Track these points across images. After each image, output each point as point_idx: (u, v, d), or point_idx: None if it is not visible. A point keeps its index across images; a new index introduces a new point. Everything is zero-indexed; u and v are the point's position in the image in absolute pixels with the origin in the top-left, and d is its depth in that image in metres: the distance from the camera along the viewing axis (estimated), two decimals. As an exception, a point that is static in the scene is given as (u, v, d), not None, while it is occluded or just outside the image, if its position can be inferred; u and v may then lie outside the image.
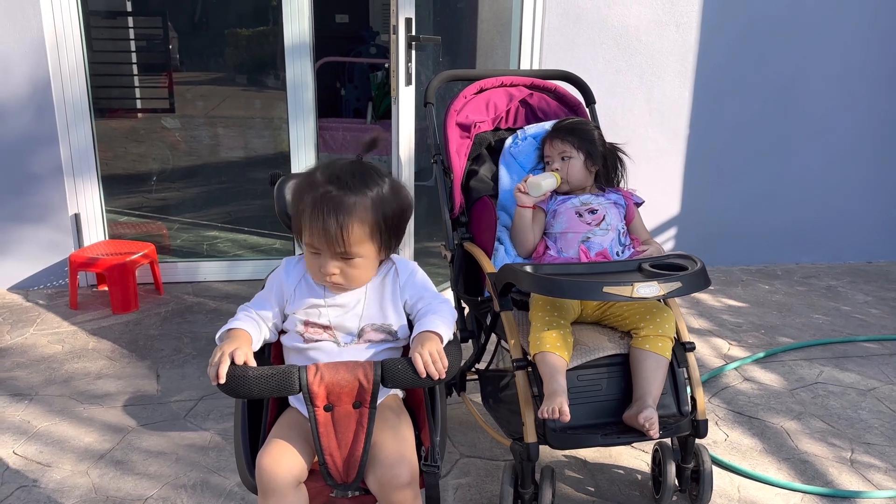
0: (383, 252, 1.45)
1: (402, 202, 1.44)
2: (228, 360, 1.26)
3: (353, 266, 1.40)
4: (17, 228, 3.47)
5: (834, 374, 2.87)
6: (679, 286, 1.71)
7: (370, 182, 1.39)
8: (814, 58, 3.94)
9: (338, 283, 1.42)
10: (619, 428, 1.84)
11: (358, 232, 1.36)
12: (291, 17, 3.43)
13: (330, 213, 1.34)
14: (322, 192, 1.36)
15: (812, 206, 4.18)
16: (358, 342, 1.46)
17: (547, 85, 2.46)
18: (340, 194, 1.35)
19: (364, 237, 1.38)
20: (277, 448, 1.35)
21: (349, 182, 1.37)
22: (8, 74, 3.29)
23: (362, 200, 1.36)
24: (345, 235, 1.35)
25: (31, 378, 2.70)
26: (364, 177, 1.39)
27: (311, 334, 1.45)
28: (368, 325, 1.46)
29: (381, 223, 1.39)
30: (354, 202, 1.35)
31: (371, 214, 1.37)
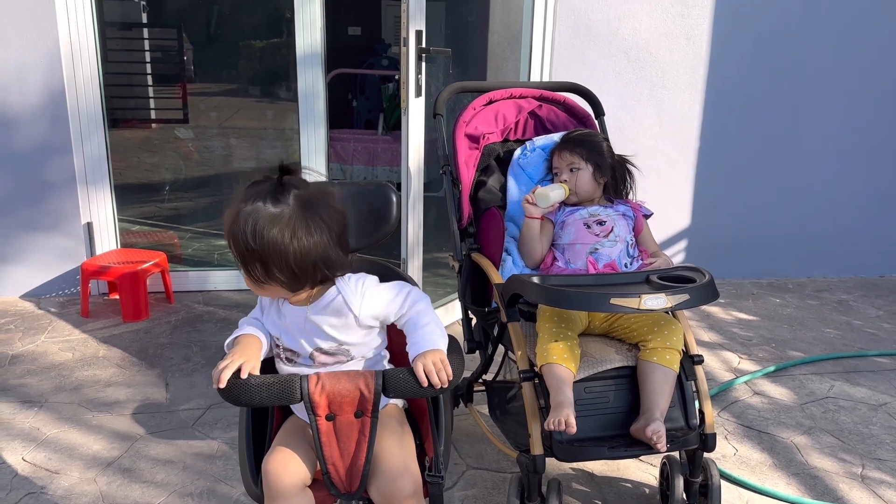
0: (310, 276, 1.36)
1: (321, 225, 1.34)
2: (234, 368, 1.27)
3: (265, 290, 1.38)
4: (30, 236, 3.51)
5: (845, 388, 2.84)
6: (687, 298, 1.70)
7: (276, 221, 1.31)
8: (825, 70, 3.93)
9: (264, 295, 1.43)
10: (627, 441, 1.83)
11: (261, 270, 1.33)
12: (304, 29, 3.47)
13: (239, 251, 1.32)
14: (235, 231, 1.32)
15: (824, 219, 4.16)
16: (314, 365, 1.44)
17: (556, 97, 2.47)
18: (245, 235, 1.31)
19: (266, 273, 1.33)
20: (283, 454, 1.36)
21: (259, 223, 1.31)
22: (23, 84, 3.34)
23: (265, 241, 1.30)
24: (250, 272, 1.34)
25: (41, 385, 2.72)
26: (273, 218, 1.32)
27: (283, 353, 1.47)
28: (316, 350, 1.43)
29: (290, 258, 1.32)
30: (257, 246, 1.30)
31: (274, 256, 1.31)
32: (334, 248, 1.36)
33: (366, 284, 1.44)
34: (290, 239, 1.30)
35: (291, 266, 1.31)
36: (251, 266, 1.32)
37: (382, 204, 1.58)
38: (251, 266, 1.32)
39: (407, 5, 2.73)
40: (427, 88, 2.98)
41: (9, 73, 3.32)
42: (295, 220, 1.31)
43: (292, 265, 1.31)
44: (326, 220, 1.34)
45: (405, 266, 3.02)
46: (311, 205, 1.33)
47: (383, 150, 5.79)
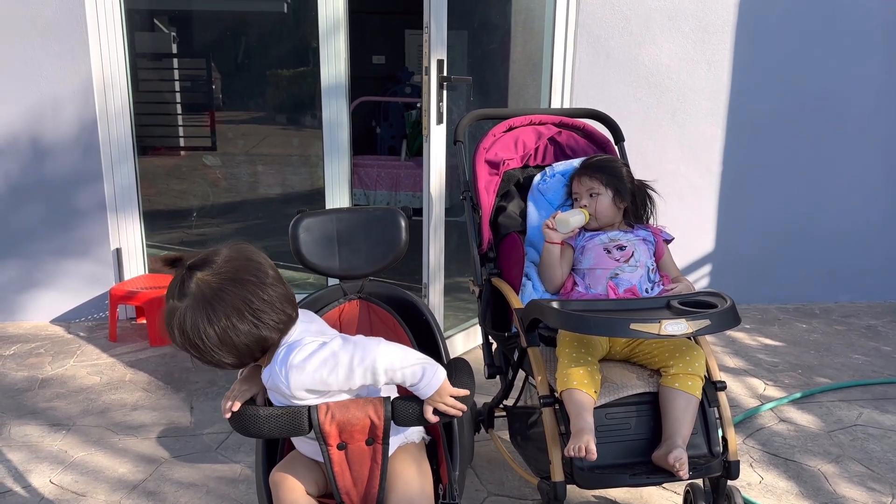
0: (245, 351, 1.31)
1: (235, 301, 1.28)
2: (232, 398, 1.30)
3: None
4: (61, 262, 3.59)
5: (874, 416, 2.79)
6: (708, 324, 1.69)
7: (175, 311, 1.31)
8: (848, 94, 3.91)
9: None
10: (648, 468, 1.81)
11: (178, 349, 1.33)
12: (328, 60, 3.54)
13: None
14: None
15: (851, 243, 4.10)
16: None
17: (575, 123, 2.49)
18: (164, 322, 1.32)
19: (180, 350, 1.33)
20: (279, 475, 1.39)
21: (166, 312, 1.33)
22: (58, 115, 3.44)
23: (170, 330, 1.31)
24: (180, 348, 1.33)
25: (69, 408, 2.77)
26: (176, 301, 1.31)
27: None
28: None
29: (194, 344, 1.29)
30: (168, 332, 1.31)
31: (179, 338, 1.30)
32: (261, 314, 1.28)
33: (290, 362, 1.28)
34: (197, 330, 1.26)
35: (213, 352, 1.27)
36: (191, 355, 1.31)
37: (392, 229, 1.60)
38: (191, 355, 1.31)
39: (429, 35, 2.78)
40: (448, 115, 3.03)
41: (44, 104, 3.43)
42: (196, 311, 1.26)
43: (214, 352, 1.27)
44: (239, 294, 1.28)
45: (426, 290, 3.04)
46: (214, 286, 1.28)
47: (406, 176, 5.84)
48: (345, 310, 1.69)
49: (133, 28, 6.86)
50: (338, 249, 1.65)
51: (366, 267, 1.65)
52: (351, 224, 1.65)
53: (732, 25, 3.76)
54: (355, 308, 1.70)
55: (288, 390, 1.28)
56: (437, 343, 1.64)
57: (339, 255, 1.65)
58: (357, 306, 1.70)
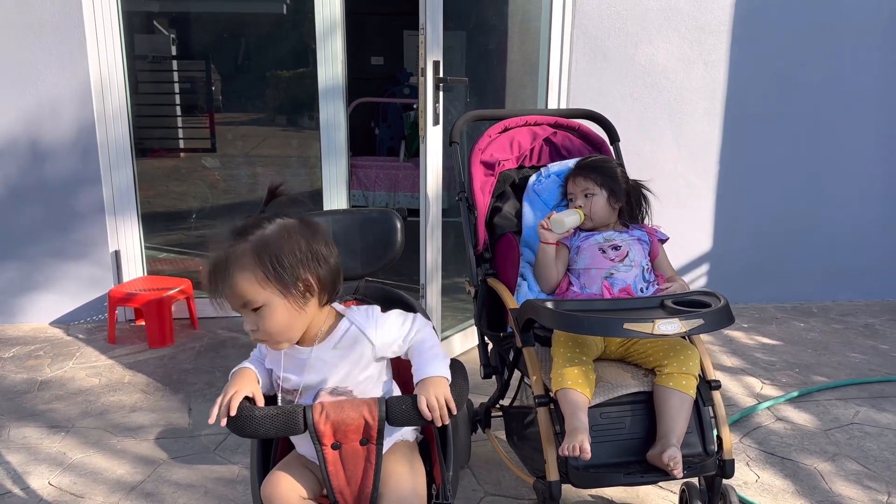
0: (295, 298, 1.35)
1: (296, 242, 1.35)
2: (227, 399, 1.31)
3: (263, 317, 1.34)
4: (60, 264, 3.60)
5: (871, 414, 2.80)
6: (701, 323, 1.70)
7: (252, 229, 1.35)
8: (846, 93, 3.92)
9: (262, 340, 1.39)
10: (643, 467, 1.82)
11: (242, 280, 1.31)
12: (325, 62, 3.55)
13: (217, 270, 1.33)
14: (210, 258, 1.36)
15: (849, 242, 4.11)
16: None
17: (571, 123, 2.50)
18: (222, 251, 1.33)
19: (254, 284, 1.31)
20: (276, 476, 1.40)
21: (228, 236, 1.35)
22: (57, 117, 3.45)
23: (234, 249, 1.32)
24: (234, 289, 1.32)
25: (68, 410, 2.77)
26: (246, 227, 1.35)
27: (285, 395, 1.48)
28: (323, 390, 1.42)
29: (268, 265, 1.31)
30: (227, 254, 1.32)
31: (252, 259, 1.31)
32: (331, 260, 1.41)
33: (375, 312, 1.45)
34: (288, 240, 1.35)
35: (321, 260, 1.37)
36: (279, 270, 1.33)
37: (387, 230, 1.61)
38: (279, 270, 1.33)
39: (424, 37, 2.79)
40: (446, 116, 3.03)
41: (42, 107, 3.44)
42: (292, 227, 1.38)
43: (322, 260, 1.37)
44: (326, 242, 1.41)
45: (424, 291, 3.05)
46: (307, 223, 1.41)
47: (405, 177, 5.86)
48: (340, 311, 1.70)
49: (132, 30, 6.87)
50: None
51: (361, 268, 1.65)
52: (346, 225, 1.66)
53: (729, 25, 3.76)
54: (350, 309, 1.70)
55: (375, 338, 1.41)
56: None
57: None
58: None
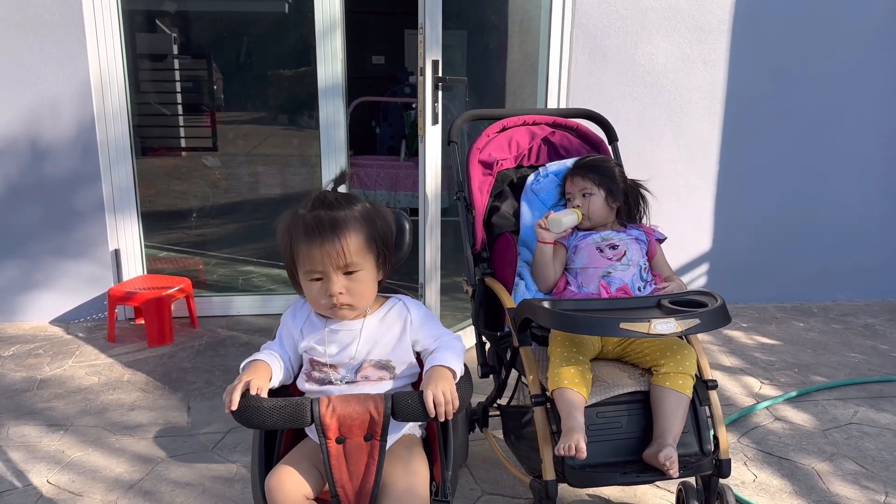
0: (381, 270, 1.49)
1: (388, 218, 1.51)
2: (242, 388, 1.30)
3: (356, 281, 1.43)
4: (60, 263, 3.61)
5: (869, 414, 2.79)
6: (697, 323, 1.70)
7: (353, 201, 1.47)
8: (846, 93, 3.91)
9: (346, 304, 1.44)
10: (639, 467, 1.82)
11: (355, 241, 1.41)
12: (325, 60, 3.55)
13: (325, 229, 1.40)
14: (312, 216, 1.42)
15: (849, 242, 4.11)
16: (356, 379, 1.47)
17: (569, 123, 2.50)
18: (330, 213, 1.42)
19: (361, 246, 1.42)
20: (283, 471, 1.40)
21: (334, 203, 1.44)
22: (56, 116, 3.46)
23: (351, 213, 1.43)
24: (344, 246, 1.39)
25: (67, 409, 2.78)
26: (346, 198, 1.47)
27: (317, 373, 1.49)
28: (367, 362, 1.47)
29: (376, 233, 1.45)
30: (345, 215, 1.42)
31: (363, 225, 1.43)
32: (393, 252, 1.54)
33: (421, 304, 1.57)
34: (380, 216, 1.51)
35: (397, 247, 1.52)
36: (383, 241, 1.48)
37: (396, 231, 1.60)
38: (383, 241, 1.48)
39: (423, 36, 2.79)
40: (445, 115, 3.03)
41: (43, 105, 3.45)
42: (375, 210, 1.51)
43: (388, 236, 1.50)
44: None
45: (422, 290, 3.05)
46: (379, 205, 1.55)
47: (405, 176, 5.85)
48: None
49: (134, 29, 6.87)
50: None
51: None
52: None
53: (729, 24, 3.76)
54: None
55: (415, 317, 1.51)
56: None
57: None
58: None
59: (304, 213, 1.43)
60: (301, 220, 1.43)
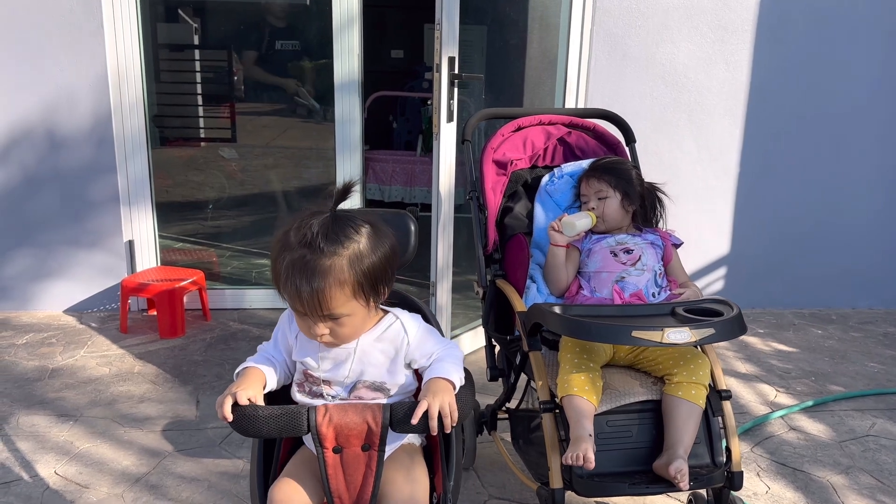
0: (373, 305, 1.39)
1: (382, 252, 1.36)
2: (231, 399, 1.28)
3: (341, 325, 1.34)
4: (74, 253, 3.62)
5: (887, 426, 2.73)
6: (712, 333, 1.66)
7: (345, 240, 1.31)
8: (870, 96, 3.83)
9: (329, 342, 1.38)
10: (649, 478, 1.79)
11: (337, 295, 1.29)
12: (341, 55, 3.53)
13: (304, 280, 1.28)
14: (295, 256, 1.29)
15: (870, 248, 4.02)
16: (350, 399, 1.43)
17: (586, 123, 2.46)
18: (314, 258, 1.28)
19: (345, 298, 1.31)
20: (288, 485, 1.37)
21: (322, 244, 1.29)
22: (73, 106, 3.47)
23: (337, 262, 1.29)
24: (323, 301, 1.29)
25: (77, 399, 2.79)
26: (338, 235, 1.31)
27: (311, 385, 1.45)
28: (361, 383, 1.42)
29: (362, 280, 1.32)
30: (329, 266, 1.28)
31: (349, 275, 1.30)
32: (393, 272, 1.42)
33: (418, 318, 1.48)
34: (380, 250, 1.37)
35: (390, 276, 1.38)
36: (372, 284, 1.34)
37: (401, 233, 1.57)
38: (372, 284, 1.34)
39: (440, 32, 2.76)
40: (460, 113, 3.00)
41: (60, 95, 3.45)
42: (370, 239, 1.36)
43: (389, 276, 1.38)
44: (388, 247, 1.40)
45: (434, 289, 3.03)
46: (378, 228, 1.39)
47: (421, 171, 5.83)
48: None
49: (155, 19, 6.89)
50: None
51: None
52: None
53: (752, 24, 3.69)
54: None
55: (413, 338, 1.43)
56: None
57: None
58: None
59: (293, 246, 1.30)
60: (287, 255, 1.30)
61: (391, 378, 1.43)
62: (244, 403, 1.28)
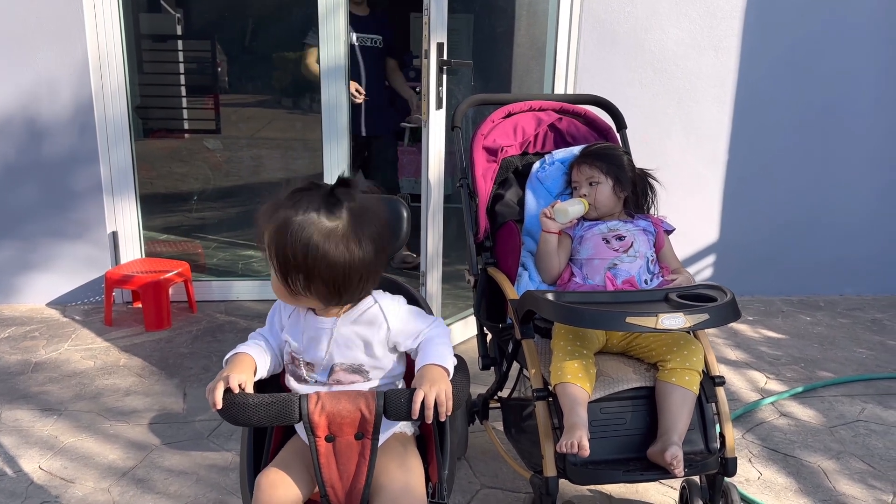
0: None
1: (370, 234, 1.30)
2: (223, 385, 1.24)
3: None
4: (57, 245, 3.56)
5: (877, 411, 2.74)
6: (706, 318, 1.64)
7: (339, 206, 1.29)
8: (858, 83, 3.83)
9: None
10: (643, 464, 1.78)
11: (321, 290, 1.29)
12: (327, 41, 3.48)
13: (290, 272, 1.27)
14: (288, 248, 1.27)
15: (858, 234, 4.04)
16: (329, 382, 1.39)
17: (577, 109, 2.43)
18: (297, 260, 1.26)
19: (326, 294, 1.31)
20: (276, 474, 1.34)
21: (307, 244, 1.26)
22: (54, 95, 3.40)
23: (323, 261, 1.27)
24: (307, 295, 1.30)
25: (61, 393, 2.74)
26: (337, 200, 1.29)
27: (294, 367, 1.42)
28: (338, 366, 1.39)
29: (344, 274, 1.29)
30: (314, 267, 1.27)
31: (331, 273, 1.28)
32: (380, 264, 1.34)
33: (400, 300, 1.42)
34: (341, 254, 1.26)
35: (338, 280, 1.28)
36: (292, 277, 1.27)
37: (393, 218, 1.54)
38: (292, 277, 1.27)
39: (429, 18, 2.72)
40: (449, 100, 2.97)
41: (40, 84, 3.38)
42: (348, 235, 1.27)
43: (339, 280, 1.28)
44: (375, 235, 1.31)
45: (424, 278, 3.00)
46: (362, 219, 1.29)
47: (409, 162, 5.78)
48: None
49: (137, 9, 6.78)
50: None
51: None
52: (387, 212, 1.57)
53: (741, 10, 3.68)
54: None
55: (393, 323, 1.37)
56: None
57: None
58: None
59: (285, 225, 1.26)
60: (276, 233, 1.27)
61: (370, 361, 1.39)
62: (235, 389, 1.25)
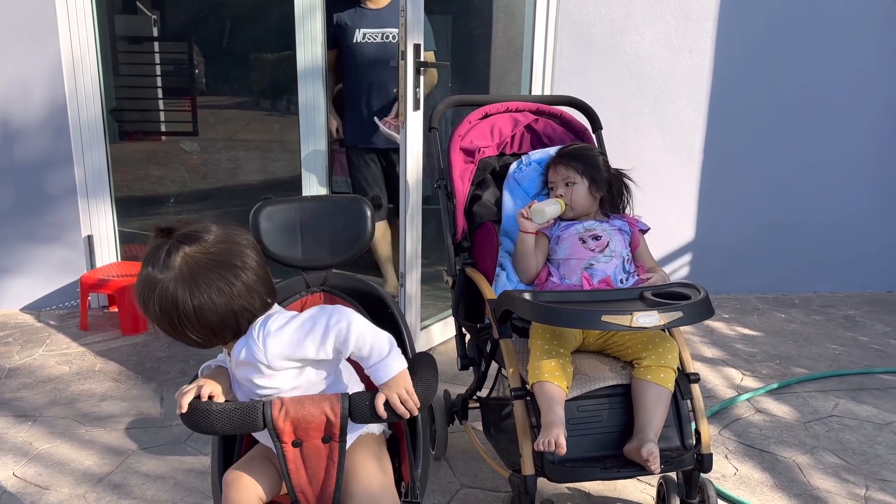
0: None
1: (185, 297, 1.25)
2: (195, 392, 1.24)
3: None
4: (31, 248, 3.52)
5: (850, 406, 2.79)
6: (680, 316, 1.66)
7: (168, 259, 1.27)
8: (833, 84, 3.89)
9: None
10: (620, 462, 1.79)
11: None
12: (304, 42, 3.47)
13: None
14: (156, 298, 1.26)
15: (831, 233, 4.10)
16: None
17: (553, 110, 2.45)
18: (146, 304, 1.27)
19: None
20: (237, 474, 1.34)
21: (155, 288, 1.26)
22: (27, 97, 3.36)
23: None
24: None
25: (36, 399, 2.71)
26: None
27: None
28: (244, 379, 1.36)
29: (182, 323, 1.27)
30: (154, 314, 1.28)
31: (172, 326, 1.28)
32: (239, 298, 1.27)
33: (267, 329, 1.30)
34: (175, 303, 1.24)
35: (186, 328, 1.26)
36: (159, 327, 1.29)
37: (356, 219, 1.55)
38: (159, 327, 1.29)
39: (405, 19, 2.72)
40: (427, 101, 2.97)
41: (12, 86, 3.34)
42: (178, 285, 1.24)
43: (187, 327, 1.26)
44: (221, 275, 1.26)
45: (403, 280, 3.00)
46: (201, 264, 1.26)
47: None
48: (307, 302, 1.64)
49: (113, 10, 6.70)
50: (301, 239, 1.60)
51: (329, 258, 1.60)
52: (315, 213, 1.60)
53: (715, 12, 3.72)
54: (318, 300, 1.65)
55: (265, 358, 1.28)
56: (403, 338, 1.59)
57: (301, 245, 1.60)
58: (320, 299, 1.65)
59: (134, 286, 1.29)
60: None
61: (282, 385, 1.32)
62: (205, 399, 1.25)
